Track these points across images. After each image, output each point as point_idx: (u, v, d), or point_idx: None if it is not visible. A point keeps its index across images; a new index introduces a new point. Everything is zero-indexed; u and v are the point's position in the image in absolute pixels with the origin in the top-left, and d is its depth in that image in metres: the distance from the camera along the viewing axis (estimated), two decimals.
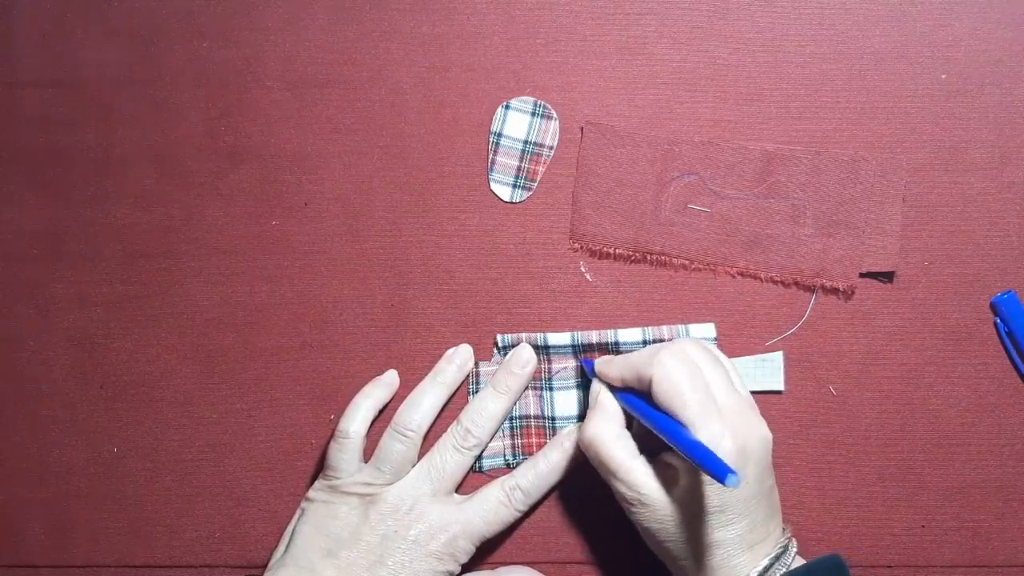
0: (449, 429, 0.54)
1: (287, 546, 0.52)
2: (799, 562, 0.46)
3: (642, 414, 0.48)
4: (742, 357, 0.55)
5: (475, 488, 0.55)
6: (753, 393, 0.55)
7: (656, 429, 0.46)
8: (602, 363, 0.52)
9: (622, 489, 0.47)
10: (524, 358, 0.55)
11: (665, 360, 0.47)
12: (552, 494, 0.55)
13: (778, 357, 0.55)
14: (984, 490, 0.55)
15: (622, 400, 0.50)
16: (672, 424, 0.45)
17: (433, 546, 0.51)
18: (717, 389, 0.47)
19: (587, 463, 0.51)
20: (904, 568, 0.55)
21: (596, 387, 0.51)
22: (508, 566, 0.54)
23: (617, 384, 0.50)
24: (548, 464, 0.54)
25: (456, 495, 0.54)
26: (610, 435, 0.48)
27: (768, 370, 0.55)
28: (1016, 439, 0.55)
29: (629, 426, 0.51)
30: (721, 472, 0.41)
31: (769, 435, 0.48)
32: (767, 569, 0.45)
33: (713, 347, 0.53)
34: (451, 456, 0.53)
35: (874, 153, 0.56)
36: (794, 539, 0.47)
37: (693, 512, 0.45)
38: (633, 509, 0.47)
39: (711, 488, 0.45)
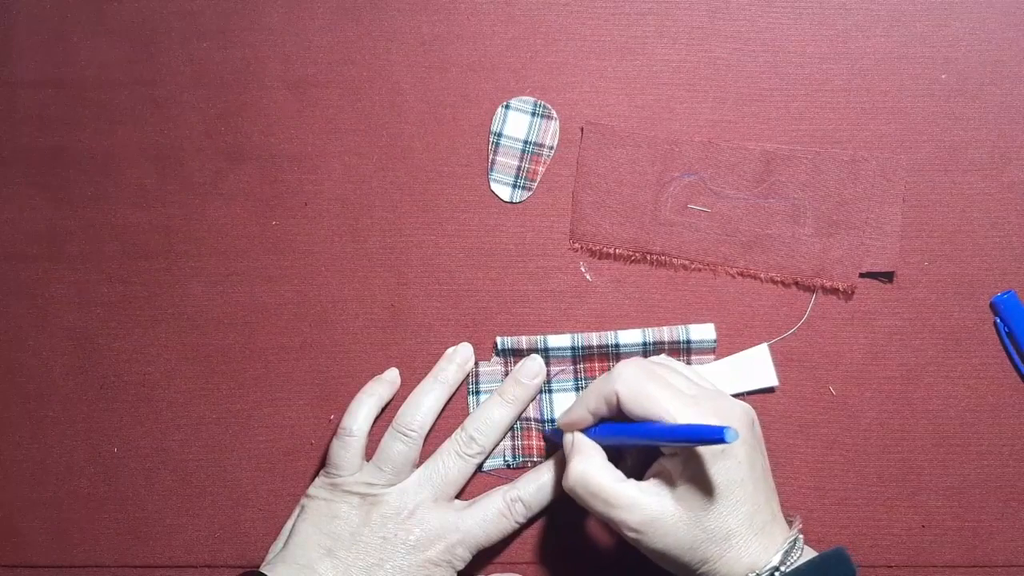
0: (453, 435, 0.54)
1: (286, 542, 0.52)
2: (809, 553, 0.46)
3: (620, 433, 0.48)
4: (726, 357, 0.55)
5: (476, 489, 0.55)
6: (749, 393, 0.55)
7: (638, 436, 0.46)
8: (561, 416, 0.51)
9: (623, 516, 0.45)
10: (533, 370, 0.55)
11: (623, 371, 0.47)
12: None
13: (763, 350, 0.55)
14: (984, 490, 0.55)
15: (597, 436, 0.49)
16: (652, 424, 0.45)
17: (432, 552, 0.51)
18: (680, 384, 0.47)
19: None
20: (904, 568, 0.55)
21: (568, 438, 0.50)
22: (498, 575, 0.54)
23: (586, 421, 0.49)
24: (552, 477, 0.53)
25: (457, 501, 0.54)
26: (596, 468, 0.47)
27: (757, 365, 0.55)
28: (1016, 439, 0.55)
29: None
30: (716, 434, 0.40)
31: (750, 409, 0.47)
32: (787, 554, 0.44)
33: (665, 357, 0.54)
34: (454, 462, 0.53)
35: (874, 153, 0.56)
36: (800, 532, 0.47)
37: (698, 510, 0.45)
38: (641, 532, 0.45)
39: (708, 478, 0.45)
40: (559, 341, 0.55)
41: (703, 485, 0.44)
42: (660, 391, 0.46)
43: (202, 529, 0.57)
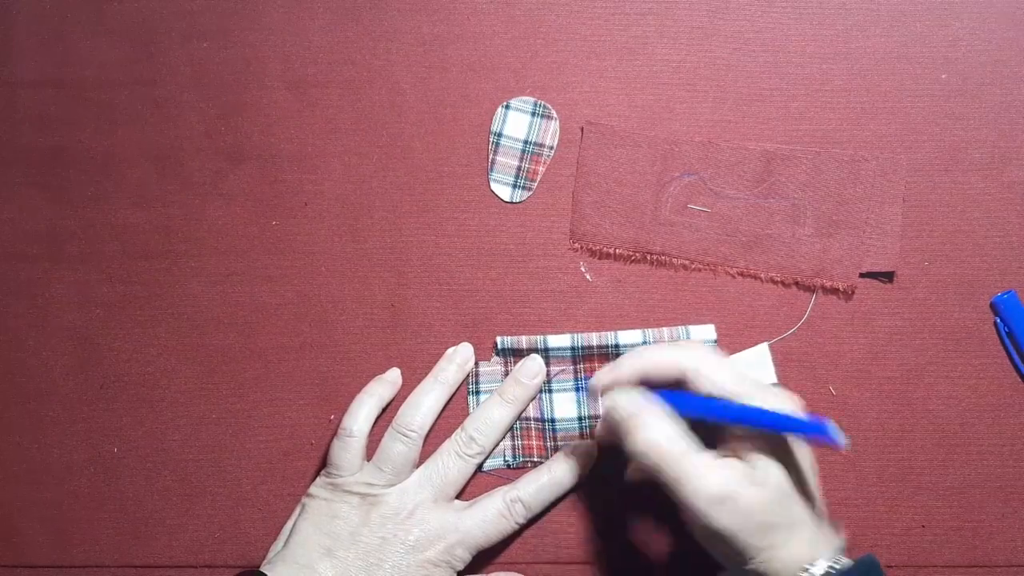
0: (453, 435, 0.54)
1: (286, 542, 0.52)
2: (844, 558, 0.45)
3: (697, 407, 0.46)
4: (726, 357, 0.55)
5: (476, 489, 0.55)
6: None
7: (721, 414, 0.45)
8: (603, 373, 0.49)
9: (696, 487, 0.43)
10: (533, 370, 0.55)
11: (699, 350, 0.47)
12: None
13: (764, 350, 0.55)
14: (984, 490, 0.55)
15: (665, 399, 0.47)
16: (748, 406, 0.44)
17: (431, 553, 0.51)
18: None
19: (592, 476, 0.51)
20: (904, 568, 0.55)
21: (622, 400, 0.47)
22: (497, 574, 0.54)
23: (631, 381, 0.48)
24: (552, 478, 0.53)
25: (457, 501, 0.54)
26: (668, 433, 0.45)
27: (757, 365, 0.55)
28: (1016, 439, 0.55)
29: None
30: (821, 432, 0.40)
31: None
32: (837, 553, 0.44)
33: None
34: (454, 463, 0.53)
35: (874, 153, 0.56)
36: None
37: (777, 494, 0.43)
38: (711, 508, 0.43)
39: (795, 463, 0.44)
40: (559, 341, 0.55)
41: (777, 478, 0.44)
42: (738, 373, 0.46)
43: (202, 529, 0.57)
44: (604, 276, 0.57)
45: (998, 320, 0.55)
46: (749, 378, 0.46)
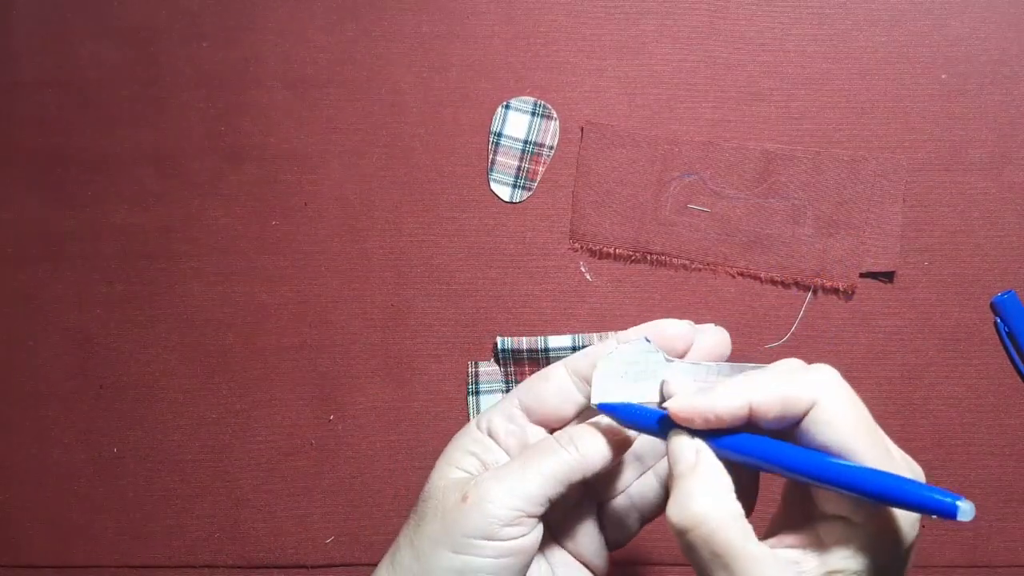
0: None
1: None
2: None
3: (782, 461, 0.32)
4: (718, 363, 0.36)
5: None
6: None
7: (818, 476, 0.31)
8: (688, 401, 0.33)
9: None
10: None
11: (831, 380, 0.33)
12: None
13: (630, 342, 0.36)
14: (984, 490, 0.55)
15: (730, 451, 0.33)
16: (849, 464, 0.31)
17: None
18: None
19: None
20: None
21: (684, 444, 0.33)
22: None
23: (727, 420, 0.32)
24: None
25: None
26: (725, 513, 0.31)
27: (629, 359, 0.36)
28: (1016, 439, 0.55)
29: None
30: (942, 507, 0.28)
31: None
32: None
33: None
34: None
35: (874, 153, 0.56)
36: None
37: None
38: None
39: (882, 550, 0.31)
40: (560, 342, 0.55)
41: (879, 561, 0.31)
42: (872, 429, 0.32)
43: (202, 529, 0.57)
44: (604, 276, 0.57)
45: (998, 320, 0.55)
46: (876, 427, 0.32)
